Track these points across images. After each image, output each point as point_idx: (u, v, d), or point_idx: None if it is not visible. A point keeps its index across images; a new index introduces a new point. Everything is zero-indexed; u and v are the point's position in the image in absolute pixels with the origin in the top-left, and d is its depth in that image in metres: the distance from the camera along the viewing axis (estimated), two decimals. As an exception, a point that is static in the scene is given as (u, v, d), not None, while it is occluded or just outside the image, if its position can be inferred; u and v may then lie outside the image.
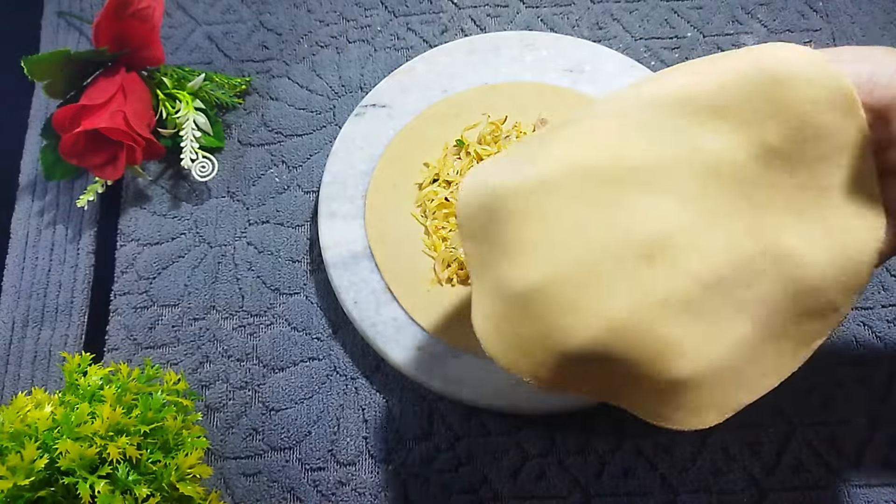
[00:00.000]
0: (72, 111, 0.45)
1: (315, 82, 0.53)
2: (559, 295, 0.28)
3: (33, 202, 0.51)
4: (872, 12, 0.53)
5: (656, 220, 0.29)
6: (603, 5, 0.55)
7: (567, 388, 0.30)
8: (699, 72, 0.30)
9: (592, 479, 0.42)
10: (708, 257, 0.28)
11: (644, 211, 0.29)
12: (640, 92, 0.31)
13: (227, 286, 0.48)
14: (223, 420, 0.44)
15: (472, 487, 0.42)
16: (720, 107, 0.29)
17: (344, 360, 0.45)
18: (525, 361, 0.30)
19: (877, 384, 0.43)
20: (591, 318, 0.28)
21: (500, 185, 0.30)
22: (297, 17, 0.56)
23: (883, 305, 0.45)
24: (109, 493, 0.34)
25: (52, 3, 0.58)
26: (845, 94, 0.28)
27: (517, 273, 0.29)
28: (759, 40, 0.53)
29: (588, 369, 0.29)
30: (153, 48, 0.48)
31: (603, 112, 0.31)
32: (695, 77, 0.30)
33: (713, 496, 0.41)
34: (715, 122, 0.29)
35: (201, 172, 0.49)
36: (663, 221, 0.28)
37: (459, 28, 0.55)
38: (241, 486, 0.43)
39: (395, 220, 0.47)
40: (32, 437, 0.35)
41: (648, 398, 0.30)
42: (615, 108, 0.31)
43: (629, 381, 0.30)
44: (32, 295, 0.48)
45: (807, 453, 0.42)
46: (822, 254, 0.29)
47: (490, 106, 0.49)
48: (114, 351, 0.47)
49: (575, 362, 0.29)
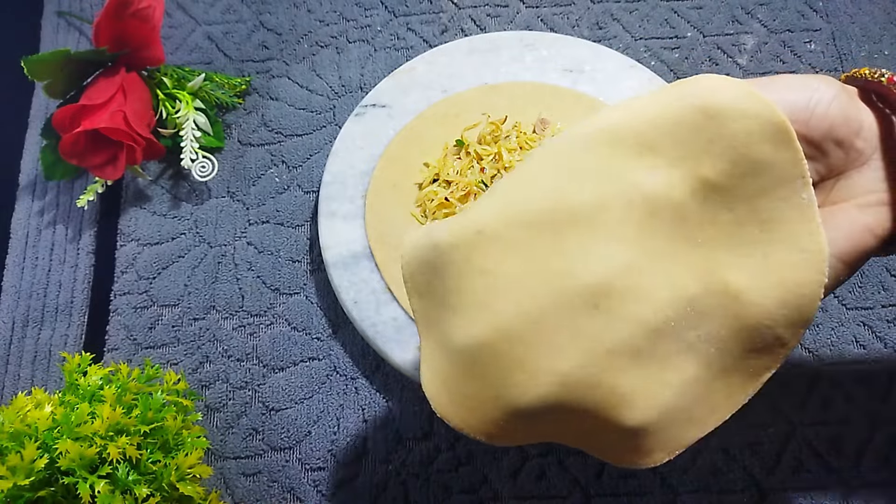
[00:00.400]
0: (72, 111, 0.45)
1: (315, 82, 0.53)
2: (505, 351, 0.28)
3: (33, 202, 0.51)
4: (872, 12, 0.53)
5: (597, 266, 0.28)
6: (603, 5, 0.55)
7: (519, 442, 0.30)
8: (632, 108, 0.29)
9: (592, 479, 0.42)
10: (651, 300, 0.28)
11: (584, 256, 0.28)
12: (575, 133, 0.30)
13: (227, 286, 0.48)
14: (223, 420, 0.44)
15: (472, 487, 0.42)
16: (654, 143, 0.28)
17: (344, 360, 0.45)
18: (475, 420, 0.29)
19: (877, 384, 0.43)
20: (541, 374, 0.27)
21: (440, 240, 0.29)
22: (297, 17, 0.56)
23: (883, 305, 0.45)
24: (109, 492, 0.34)
25: (52, 3, 0.58)
26: (778, 125, 0.27)
27: (461, 329, 0.28)
28: (759, 40, 0.53)
29: (538, 423, 0.29)
30: (153, 48, 0.48)
31: (539, 156, 0.30)
32: (628, 113, 0.29)
33: (713, 496, 0.41)
34: (651, 159, 0.29)
35: (201, 172, 0.49)
36: (604, 266, 0.28)
37: (459, 28, 0.55)
38: (241, 486, 0.43)
39: (395, 220, 0.47)
40: (32, 436, 0.35)
41: (599, 443, 0.30)
42: (551, 151, 0.30)
43: (579, 431, 0.29)
44: (32, 295, 0.48)
45: (807, 453, 0.42)
46: (766, 290, 0.28)
47: (490, 106, 0.49)
48: (114, 351, 0.47)
49: (525, 418, 0.28)
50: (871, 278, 0.45)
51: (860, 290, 0.45)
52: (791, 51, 0.52)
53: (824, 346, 0.44)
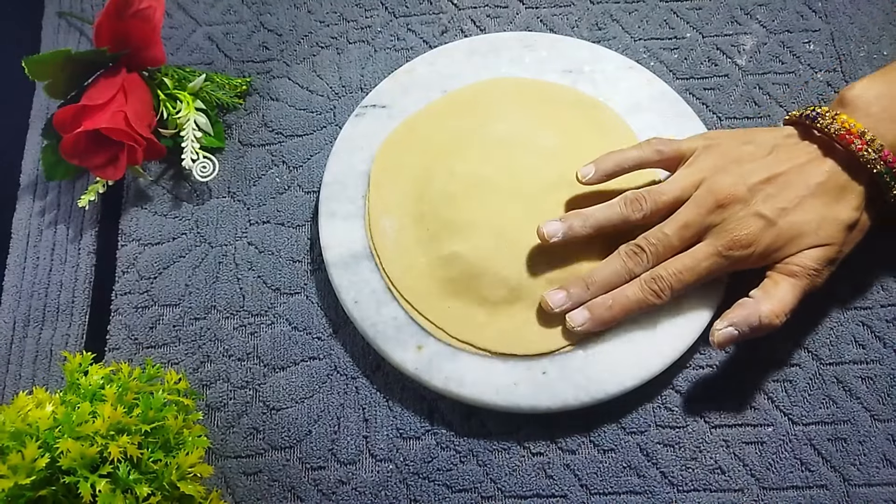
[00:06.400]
0: (73, 111, 0.45)
1: (315, 83, 0.53)
2: None
3: (34, 202, 0.51)
4: (871, 13, 0.53)
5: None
6: (602, 6, 0.55)
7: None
8: None
9: (593, 477, 0.42)
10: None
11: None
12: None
13: (227, 286, 0.48)
14: (224, 419, 0.44)
15: (473, 485, 0.42)
16: None
17: (344, 359, 0.45)
18: None
19: (877, 384, 0.43)
20: None
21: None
22: (297, 17, 0.56)
23: (882, 305, 0.45)
24: (110, 492, 0.34)
25: (52, 4, 0.58)
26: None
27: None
28: (758, 41, 0.53)
29: None
30: (154, 48, 0.48)
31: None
32: None
33: (713, 495, 0.41)
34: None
35: (202, 173, 0.49)
36: None
37: (459, 29, 0.55)
38: (241, 485, 0.43)
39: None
40: (33, 436, 0.35)
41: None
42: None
43: None
44: (34, 295, 0.49)
45: (807, 452, 0.42)
46: None
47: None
48: (115, 350, 0.47)
49: None
50: (871, 278, 0.46)
51: (859, 290, 0.45)
52: (790, 51, 0.52)
53: (823, 346, 0.44)
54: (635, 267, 0.42)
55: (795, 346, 0.44)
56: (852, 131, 0.39)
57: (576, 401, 0.41)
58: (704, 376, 0.44)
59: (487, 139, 0.48)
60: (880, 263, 0.46)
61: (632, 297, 0.41)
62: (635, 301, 0.41)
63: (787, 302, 0.39)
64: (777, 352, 0.44)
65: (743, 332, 0.39)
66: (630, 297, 0.41)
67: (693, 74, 0.52)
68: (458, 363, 0.43)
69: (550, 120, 0.48)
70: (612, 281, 0.42)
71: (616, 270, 0.42)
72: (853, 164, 0.40)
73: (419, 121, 0.49)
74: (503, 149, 0.47)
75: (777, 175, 0.41)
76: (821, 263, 0.40)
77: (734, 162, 0.41)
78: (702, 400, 0.43)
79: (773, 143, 0.42)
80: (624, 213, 0.42)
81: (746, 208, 0.40)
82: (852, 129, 0.39)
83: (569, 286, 0.42)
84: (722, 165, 0.41)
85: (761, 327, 0.39)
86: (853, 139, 0.39)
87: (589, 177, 0.43)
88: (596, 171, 0.43)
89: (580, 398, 0.41)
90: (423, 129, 0.49)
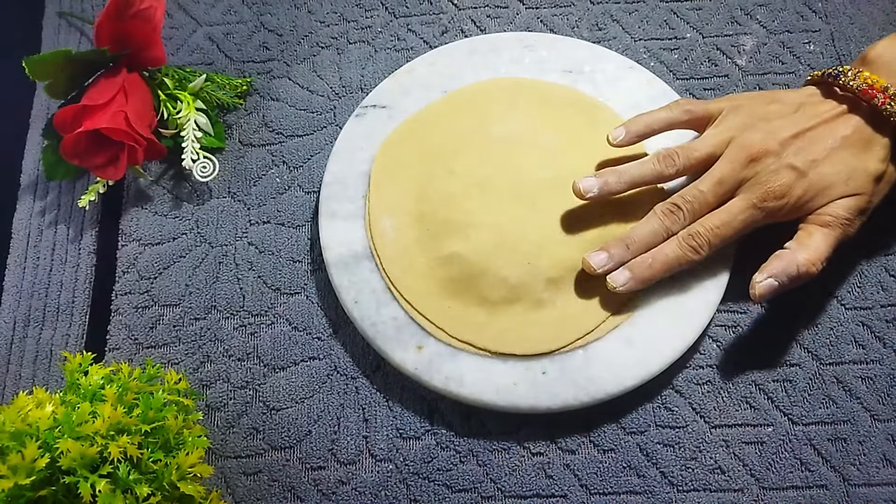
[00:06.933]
0: (73, 111, 0.45)
1: (316, 83, 0.54)
2: None
3: (35, 202, 0.51)
4: (871, 13, 0.53)
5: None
6: (602, 6, 0.55)
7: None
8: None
9: (593, 477, 0.42)
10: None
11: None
12: None
13: (228, 286, 0.48)
14: (224, 419, 0.44)
15: (473, 486, 0.42)
16: None
17: (344, 359, 0.45)
18: None
19: (877, 384, 0.43)
20: None
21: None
22: (297, 17, 0.56)
23: (882, 305, 0.45)
24: (110, 492, 0.34)
25: (53, 4, 0.58)
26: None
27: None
28: (759, 41, 0.53)
29: None
30: (154, 49, 0.48)
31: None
32: None
33: (713, 495, 0.41)
34: None
35: (202, 173, 0.49)
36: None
37: (459, 29, 0.55)
38: (241, 486, 0.43)
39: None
40: (33, 436, 0.35)
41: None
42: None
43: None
44: (34, 295, 0.49)
45: (807, 453, 0.42)
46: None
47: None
48: (115, 350, 0.47)
49: None
50: (870, 278, 0.46)
51: (859, 290, 0.45)
52: (790, 52, 0.52)
53: (823, 346, 0.44)
54: (672, 225, 0.42)
55: (795, 346, 0.44)
56: (875, 87, 0.40)
57: (576, 401, 0.41)
58: (704, 376, 0.44)
59: (487, 139, 0.48)
60: (880, 263, 0.46)
61: (671, 254, 0.41)
62: (675, 258, 0.41)
63: (822, 251, 0.40)
64: (777, 352, 0.44)
65: (782, 282, 0.39)
66: (669, 254, 0.42)
67: (693, 75, 0.52)
68: (458, 363, 0.43)
69: (550, 120, 0.48)
70: (650, 240, 0.42)
71: (654, 229, 0.42)
72: (877, 118, 0.41)
73: (419, 121, 0.49)
74: (503, 149, 0.47)
75: (805, 130, 0.42)
76: (852, 213, 0.40)
77: (762, 119, 0.42)
78: (702, 400, 0.43)
79: (799, 101, 0.43)
80: (657, 169, 0.43)
81: (778, 161, 0.41)
82: (875, 84, 0.40)
83: (609, 247, 0.43)
84: (751, 123, 0.42)
85: (799, 276, 0.39)
86: (876, 93, 0.40)
87: (620, 139, 0.44)
88: (627, 132, 0.44)
89: (580, 398, 0.41)
90: (423, 130, 0.49)
